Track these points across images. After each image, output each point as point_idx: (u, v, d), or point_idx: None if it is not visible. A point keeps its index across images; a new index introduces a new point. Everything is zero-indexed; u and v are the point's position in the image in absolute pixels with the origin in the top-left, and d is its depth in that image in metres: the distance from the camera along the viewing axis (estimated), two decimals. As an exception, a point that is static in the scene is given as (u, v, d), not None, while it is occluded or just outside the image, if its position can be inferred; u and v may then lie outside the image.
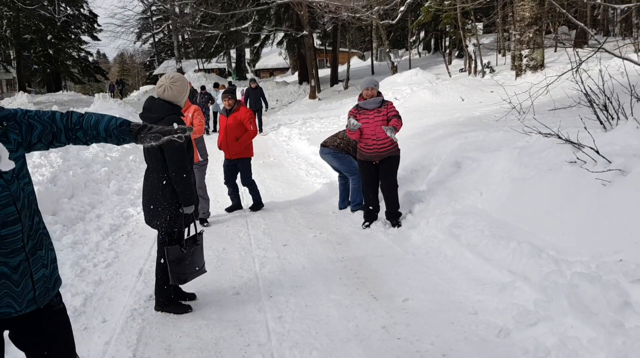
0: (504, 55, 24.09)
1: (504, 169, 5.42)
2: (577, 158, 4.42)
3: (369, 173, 6.02)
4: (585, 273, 3.24)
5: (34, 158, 7.78)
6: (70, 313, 3.94)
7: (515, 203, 4.76)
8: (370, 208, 6.04)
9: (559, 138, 4.76)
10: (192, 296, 4.25)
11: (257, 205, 7.15)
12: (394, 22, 18.03)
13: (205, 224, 6.49)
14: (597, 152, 4.15)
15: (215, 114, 16.62)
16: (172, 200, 3.76)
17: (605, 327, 2.85)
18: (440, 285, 4.21)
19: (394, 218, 5.90)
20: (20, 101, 27.20)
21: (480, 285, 3.99)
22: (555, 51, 19.44)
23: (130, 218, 6.88)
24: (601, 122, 5.10)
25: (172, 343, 3.56)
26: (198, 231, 4.08)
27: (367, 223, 6.03)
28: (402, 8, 16.34)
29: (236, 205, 7.16)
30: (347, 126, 5.88)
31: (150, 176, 3.85)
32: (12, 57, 38.68)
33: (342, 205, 6.90)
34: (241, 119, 6.85)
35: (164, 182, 3.73)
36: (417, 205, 5.95)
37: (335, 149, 6.76)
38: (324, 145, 6.92)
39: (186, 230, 4.02)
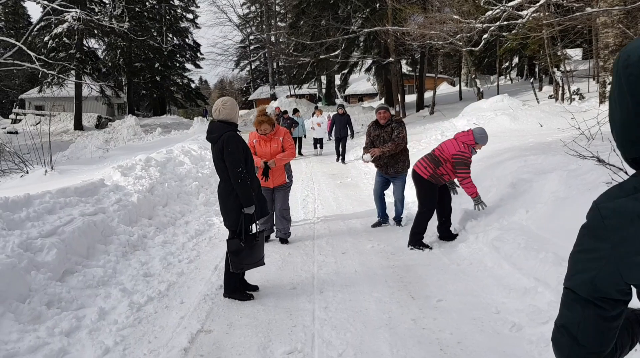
0: (598, 81, 23.42)
1: (551, 189, 5.73)
2: (612, 179, 4.70)
3: (436, 197, 6.24)
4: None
5: (136, 171, 8.94)
6: (155, 295, 4.82)
7: (554, 219, 5.09)
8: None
9: (599, 160, 5.04)
10: (255, 288, 4.95)
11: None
12: (476, 49, 18.25)
13: (285, 243, 6.69)
14: (626, 173, 4.42)
15: (297, 139, 17.88)
16: (236, 203, 4.50)
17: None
18: (474, 290, 4.63)
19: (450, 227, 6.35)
20: (129, 123, 29.96)
21: (507, 290, 4.39)
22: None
23: (214, 226, 7.77)
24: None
25: (233, 321, 4.27)
26: (258, 231, 4.79)
27: (430, 247, 6.17)
28: (485, 36, 16.57)
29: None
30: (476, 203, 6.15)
31: (221, 186, 4.66)
32: (123, 83, 42.45)
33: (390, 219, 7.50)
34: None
35: (229, 189, 4.50)
36: (470, 222, 6.35)
37: None
38: None
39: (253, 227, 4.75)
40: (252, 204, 4.49)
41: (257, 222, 4.72)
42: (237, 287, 4.78)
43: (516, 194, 6.35)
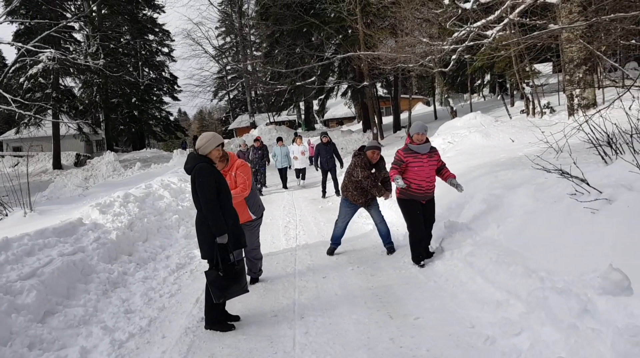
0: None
1: (521, 203, 5.90)
2: (576, 191, 4.88)
3: (419, 212, 6.26)
4: (557, 287, 3.73)
5: (115, 208, 8.96)
6: (136, 331, 4.84)
7: (524, 233, 5.25)
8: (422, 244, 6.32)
9: (562, 173, 5.22)
10: (236, 318, 5.01)
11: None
12: (446, 70, 18.67)
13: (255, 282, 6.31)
14: (588, 184, 4.62)
15: (281, 170, 16.36)
16: (209, 232, 4.57)
17: (564, 330, 3.34)
18: (450, 306, 4.75)
19: (428, 248, 6.45)
20: (107, 159, 29.87)
21: (481, 304, 4.51)
22: (623, 87, 19.25)
23: (195, 258, 7.79)
24: (602, 158, 5.52)
25: (215, 352, 4.32)
26: (237, 259, 4.85)
27: (423, 263, 6.20)
28: (454, 56, 16.96)
29: None
30: (397, 184, 6.07)
31: (197, 215, 4.74)
32: (101, 119, 42.36)
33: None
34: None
35: (204, 219, 4.58)
36: (446, 239, 6.49)
37: None
38: None
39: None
40: (224, 234, 4.54)
41: (234, 253, 4.76)
42: (218, 318, 4.84)
43: (488, 210, 6.52)
